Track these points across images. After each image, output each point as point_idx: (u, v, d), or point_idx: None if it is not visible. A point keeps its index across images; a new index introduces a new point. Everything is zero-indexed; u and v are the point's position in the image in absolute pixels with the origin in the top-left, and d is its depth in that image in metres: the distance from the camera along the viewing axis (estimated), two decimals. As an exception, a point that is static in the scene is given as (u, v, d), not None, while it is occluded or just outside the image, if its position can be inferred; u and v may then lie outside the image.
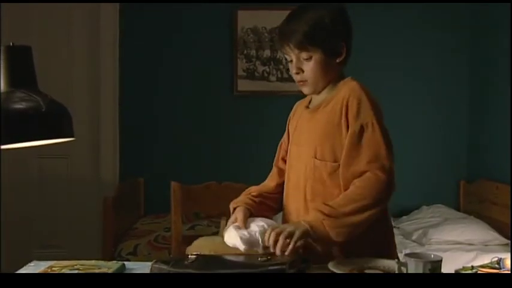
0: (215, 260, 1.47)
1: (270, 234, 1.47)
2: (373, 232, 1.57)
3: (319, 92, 1.67)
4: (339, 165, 1.57)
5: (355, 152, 1.54)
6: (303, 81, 1.64)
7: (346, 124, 1.57)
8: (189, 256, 1.45)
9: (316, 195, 1.61)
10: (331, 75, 1.65)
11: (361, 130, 1.55)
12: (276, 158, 1.86)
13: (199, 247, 1.74)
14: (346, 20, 1.66)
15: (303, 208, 1.64)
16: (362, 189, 1.51)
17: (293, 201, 1.69)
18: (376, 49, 4.07)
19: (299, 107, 1.81)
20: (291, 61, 1.64)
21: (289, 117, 1.85)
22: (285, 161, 1.81)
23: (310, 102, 1.74)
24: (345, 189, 1.55)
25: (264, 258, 1.42)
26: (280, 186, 1.79)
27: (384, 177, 1.51)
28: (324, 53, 1.60)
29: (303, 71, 1.62)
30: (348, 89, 1.61)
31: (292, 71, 1.64)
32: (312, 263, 1.50)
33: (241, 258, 1.47)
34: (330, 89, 1.66)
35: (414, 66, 4.25)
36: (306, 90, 1.68)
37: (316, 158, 1.61)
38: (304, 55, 1.60)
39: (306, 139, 1.67)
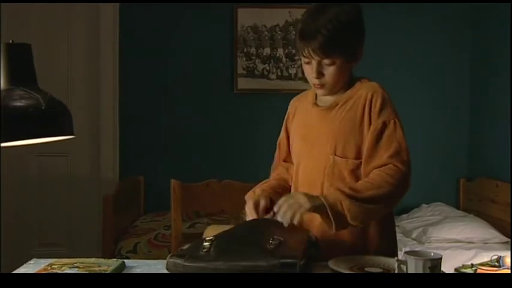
0: (228, 245, 1.42)
1: (281, 204, 1.48)
2: (382, 229, 1.61)
3: (334, 94, 1.67)
4: (361, 162, 1.59)
5: (376, 148, 1.56)
6: (321, 85, 1.63)
7: (369, 121, 1.59)
8: (204, 243, 1.44)
9: None
10: (347, 77, 1.66)
11: (383, 127, 1.57)
12: (277, 157, 1.84)
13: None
14: (363, 22, 1.66)
15: None
16: (381, 178, 1.52)
17: None
18: (376, 48, 4.05)
19: (300, 104, 1.78)
20: (308, 63, 1.62)
21: (287, 115, 1.82)
22: (286, 162, 1.80)
23: (316, 99, 1.72)
24: None
25: (277, 242, 1.40)
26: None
27: (404, 170, 1.54)
28: (345, 59, 1.61)
29: (323, 75, 1.61)
30: (369, 88, 1.62)
31: (312, 74, 1.62)
32: (320, 249, 1.51)
33: (252, 244, 1.41)
34: (344, 88, 1.66)
35: (415, 66, 4.25)
36: (322, 92, 1.67)
37: (335, 155, 1.61)
38: (326, 61, 1.59)
39: (319, 136, 1.65)
